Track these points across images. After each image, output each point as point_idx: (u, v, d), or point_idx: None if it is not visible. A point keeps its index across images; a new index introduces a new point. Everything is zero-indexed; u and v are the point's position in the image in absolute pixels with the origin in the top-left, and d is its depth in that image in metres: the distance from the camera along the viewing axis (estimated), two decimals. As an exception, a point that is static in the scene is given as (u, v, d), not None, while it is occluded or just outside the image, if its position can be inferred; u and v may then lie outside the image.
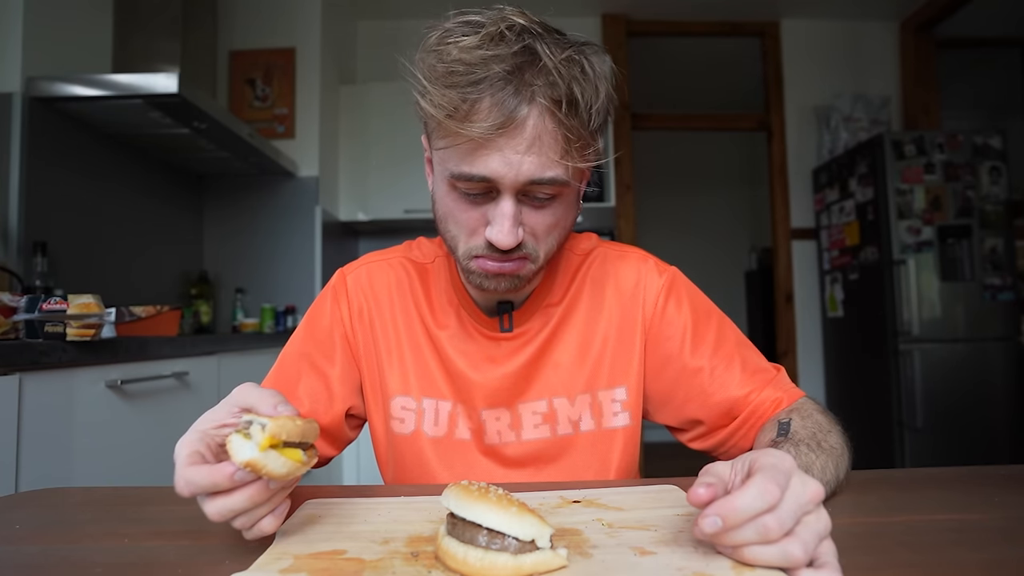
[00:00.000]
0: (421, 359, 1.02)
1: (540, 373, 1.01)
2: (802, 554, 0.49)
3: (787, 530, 0.49)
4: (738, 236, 7.27)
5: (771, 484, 0.50)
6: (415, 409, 1.01)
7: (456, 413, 1.01)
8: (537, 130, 0.76)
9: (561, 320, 1.02)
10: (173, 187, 3.35)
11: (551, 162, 0.77)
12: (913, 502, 0.74)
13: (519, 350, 1.01)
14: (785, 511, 0.50)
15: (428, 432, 1.01)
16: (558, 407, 1.00)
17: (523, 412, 1.00)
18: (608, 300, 1.04)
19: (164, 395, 1.91)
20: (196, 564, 0.58)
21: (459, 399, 1.01)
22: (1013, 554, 0.57)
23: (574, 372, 1.01)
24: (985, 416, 3.71)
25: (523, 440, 1.00)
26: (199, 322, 3.36)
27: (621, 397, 1.01)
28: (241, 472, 0.57)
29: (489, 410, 1.00)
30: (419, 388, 1.02)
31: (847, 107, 4.43)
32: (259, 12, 3.69)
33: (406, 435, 1.01)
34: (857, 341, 4.22)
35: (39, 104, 2.34)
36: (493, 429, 1.00)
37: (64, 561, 0.60)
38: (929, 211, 3.78)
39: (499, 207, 0.80)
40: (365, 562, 0.56)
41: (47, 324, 1.50)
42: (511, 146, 0.76)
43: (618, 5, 4.54)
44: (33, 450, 1.40)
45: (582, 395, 1.00)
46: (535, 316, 1.01)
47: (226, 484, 0.57)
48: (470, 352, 1.01)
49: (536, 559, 0.52)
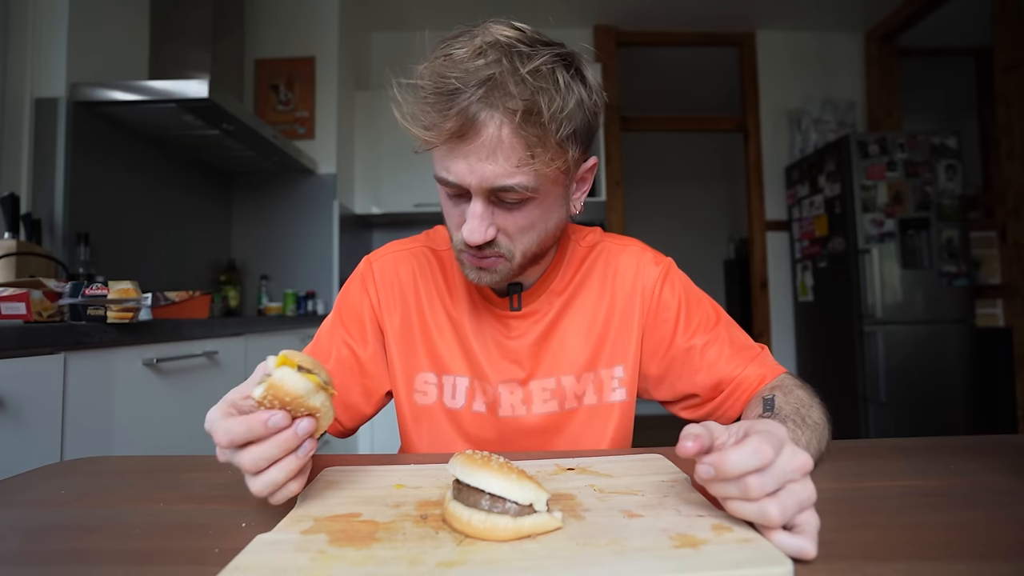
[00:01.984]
0: (442, 339, 1.03)
1: (548, 352, 1.02)
2: (778, 515, 0.48)
3: (768, 492, 0.49)
4: (717, 228, 7.28)
5: (766, 446, 0.49)
6: (436, 383, 1.03)
7: (474, 388, 1.01)
8: (495, 139, 0.74)
9: (567, 304, 1.03)
10: (204, 183, 3.34)
11: (511, 170, 0.75)
12: (879, 469, 0.74)
13: (528, 329, 1.01)
14: (770, 474, 0.49)
15: (447, 404, 1.02)
16: (565, 385, 1.01)
17: (534, 389, 1.01)
18: (610, 288, 1.04)
19: (195, 372, 1.91)
20: (225, 526, 0.58)
21: (475, 375, 1.02)
22: (970, 516, 0.57)
23: (580, 352, 1.02)
24: (942, 391, 3.73)
25: (533, 414, 1.01)
26: (227, 306, 3.36)
27: (619, 375, 1.02)
28: (275, 417, 0.57)
29: (504, 385, 1.01)
30: (440, 365, 1.03)
31: (816, 110, 4.43)
32: (282, 24, 3.67)
33: (428, 406, 1.02)
34: (826, 323, 4.22)
35: (82, 108, 2.33)
36: (507, 403, 1.01)
37: (105, 523, 0.60)
38: (891, 205, 3.78)
39: (471, 207, 0.80)
40: (378, 524, 0.55)
41: (89, 308, 1.50)
42: (474, 153, 0.75)
43: (609, 18, 4.53)
44: (76, 422, 1.40)
45: (587, 373, 1.02)
46: (542, 298, 1.02)
47: (261, 430, 0.57)
48: (485, 331, 1.02)
49: (534, 521, 0.52)
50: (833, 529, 0.53)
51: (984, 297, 3.83)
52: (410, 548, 0.50)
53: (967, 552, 0.49)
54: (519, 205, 0.81)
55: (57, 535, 0.57)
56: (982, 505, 0.60)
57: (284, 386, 0.57)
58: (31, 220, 2.09)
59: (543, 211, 0.85)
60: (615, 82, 4.53)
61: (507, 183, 0.76)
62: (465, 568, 0.46)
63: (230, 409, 0.61)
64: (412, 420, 1.03)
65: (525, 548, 0.50)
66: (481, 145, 0.74)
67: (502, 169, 0.75)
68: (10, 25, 2.24)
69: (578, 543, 0.50)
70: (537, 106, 0.73)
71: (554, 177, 0.81)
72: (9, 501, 0.68)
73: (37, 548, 0.54)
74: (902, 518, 0.57)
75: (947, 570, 0.45)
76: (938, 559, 0.47)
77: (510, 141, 0.74)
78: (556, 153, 0.77)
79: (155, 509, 0.64)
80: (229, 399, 0.64)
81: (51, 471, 0.81)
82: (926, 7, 4.12)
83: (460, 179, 0.77)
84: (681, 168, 7.25)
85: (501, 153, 0.75)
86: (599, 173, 4.12)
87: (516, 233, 0.84)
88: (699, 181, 7.31)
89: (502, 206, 0.81)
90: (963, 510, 0.59)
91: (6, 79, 2.23)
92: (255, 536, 0.52)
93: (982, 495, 0.63)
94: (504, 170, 0.75)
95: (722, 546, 0.48)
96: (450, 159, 0.77)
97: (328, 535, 0.52)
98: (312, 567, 0.46)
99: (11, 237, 1.97)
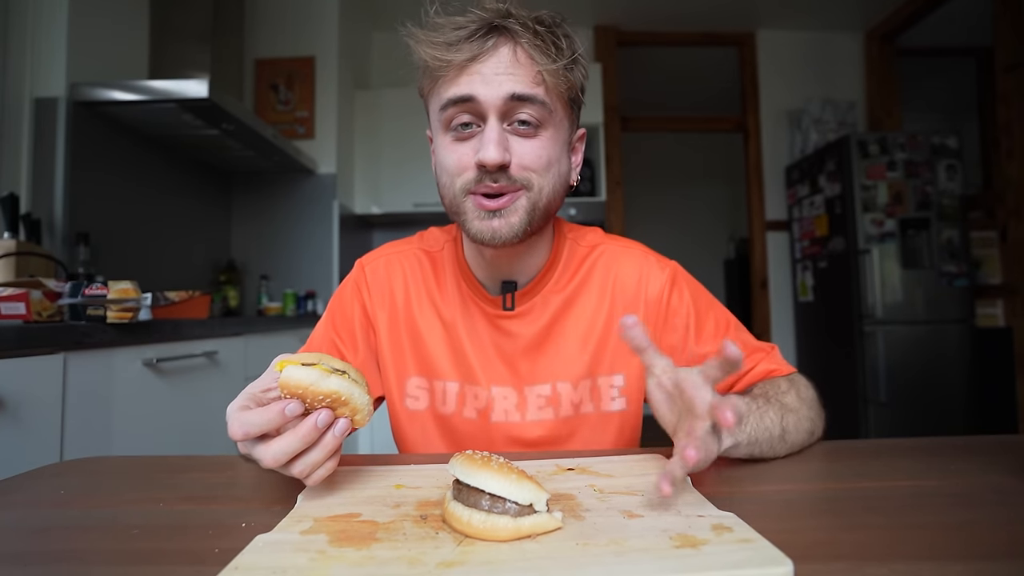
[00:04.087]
0: (432, 343, 1.01)
1: (544, 357, 0.99)
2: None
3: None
4: (717, 227, 7.28)
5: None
6: (427, 388, 1.01)
7: (464, 393, 0.99)
8: (511, 56, 0.81)
9: (564, 306, 1.00)
10: (203, 183, 3.34)
11: (529, 82, 0.81)
12: (877, 469, 0.74)
13: (523, 330, 0.99)
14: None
15: (439, 410, 1.00)
16: (561, 391, 0.98)
17: (528, 395, 0.98)
18: (611, 292, 1.01)
19: (195, 372, 1.91)
20: (225, 526, 0.58)
21: (466, 380, 0.99)
22: (967, 516, 0.57)
23: (577, 358, 0.99)
24: (942, 392, 3.73)
25: (527, 421, 0.98)
26: (227, 306, 3.36)
27: (619, 384, 0.99)
28: (292, 405, 0.57)
29: (498, 387, 0.98)
30: (431, 370, 1.01)
31: (817, 110, 4.42)
32: (282, 24, 3.67)
33: (420, 411, 1.01)
34: (826, 323, 4.22)
35: (81, 108, 2.33)
36: (500, 408, 0.98)
37: (104, 523, 0.60)
38: (891, 205, 3.78)
39: (485, 132, 0.82)
40: (378, 524, 0.55)
41: (89, 308, 1.50)
42: (490, 68, 0.80)
43: (609, 17, 4.53)
44: (76, 422, 1.40)
45: (584, 380, 0.99)
46: (537, 298, 0.99)
47: (278, 419, 0.57)
48: (477, 331, 1.00)
49: (534, 521, 0.52)
50: (833, 529, 0.53)
51: (984, 297, 3.83)
52: (410, 548, 0.50)
53: (967, 552, 0.49)
54: (534, 131, 0.84)
55: (57, 535, 0.57)
56: (982, 505, 0.60)
57: (291, 381, 0.57)
58: (31, 220, 2.09)
59: (554, 150, 0.87)
60: (615, 82, 4.53)
61: (525, 91, 0.81)
62: (465, 568, 0.46)
63: (248, 402, 0.62)
64: (406, 425, 1.02)
65: (525, 548, 0.50)
66: (498, 62, 0.80)
67: (519, 80, 0.81)
68: (10, 25, 2.24)
69: (578, 543, 0.50)
70: (547, 36, 0.81)
71: (563, 112, 0.87)
72: (9, 501, 0.68)
73: (37, 548, 0.54)
74: (902, 518, 0.57)
75: (947, 570, 0.45)
76: (938, 559, 0.47)
77: (525, 60, 0.81)
78: (564, 83, 0.83)
79: (154, 509, 0.63)
80: (248, 392, 0.64)
81: (51, 471, 0.81)
82: (927, 6, 4.12)
83: (476, 93, 0.80)
84: (681, 168, 7.25)
85: (517, 68, 0.81)
86: (599, 173, 4.12)
87: (533, 163, 0.84)
88: (699, 181, 7.31)
89: (516, 132, 0.83)
90: (963, 510, 0.59)
91: (6, 79, 2.23)
92: (255, 536, 0.52)
93: (982, 495, 0.63)
94: (521, 81, 0.81)
95: (722, 546, 0.48)
96: (464, 79, 0.81)
97: (328, 535, 0.52)
98: (312, 567, 0.46)
99: (11, 237, 1.98)
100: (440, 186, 0.90)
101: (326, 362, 0.61)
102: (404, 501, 0.62)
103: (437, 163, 0.90)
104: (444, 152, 0.86)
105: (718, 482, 0.69)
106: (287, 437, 0.58)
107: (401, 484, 0.68)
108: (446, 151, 0.86)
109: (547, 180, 0.86)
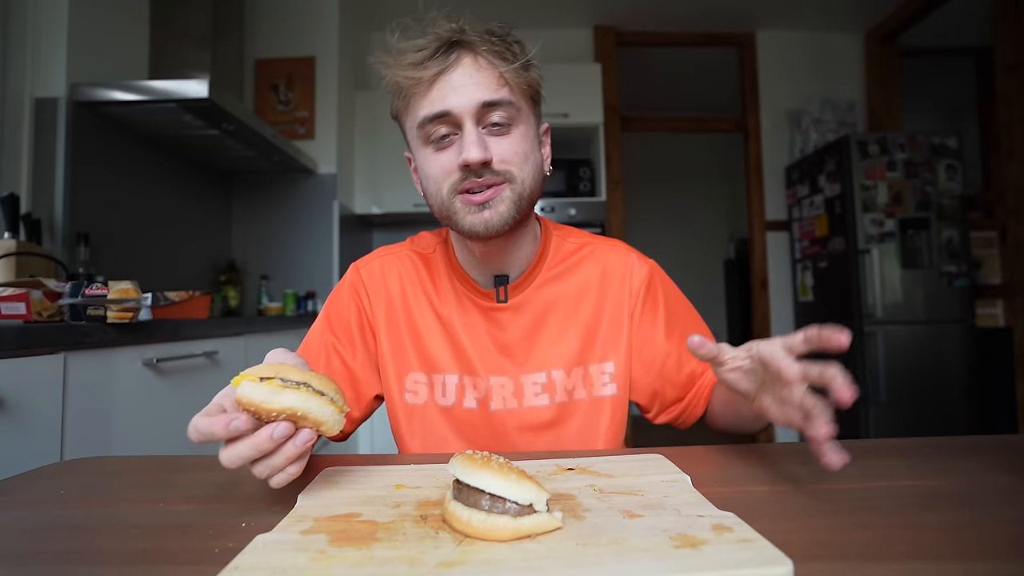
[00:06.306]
0: (431, 338, 1.05)
1: (538, 346, 1.04)
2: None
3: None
4: (717, 227, 7.28)
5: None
6: (426, 382, 1.05)
7: (464, 384, 1.03)
8: (473, 67, 0.88)
9: (555, 297, 1.06)
10: (204, 183, 3.34)
11: (494, 86, 0.88)
12: (879, 469, 0.74)
13: (517, 321, 1.04)
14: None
15: (439, 402, 1.04)
16: (556, 378, 1.03)
17: (525, 383, 1.03)
18: (599, 284, 1.07)
19: (195, 372, 1.91)
20: (225, 526, 0.58)
21: (465, 371, 1.03)
22: (969, 516, 0.57)
23: (569, 346, 1.04)
24: (942, 391, 3.72)
25: (525, 407, 1.02)
26: (227, 306, 3.36)
27: (610, 370, 1.04)
28: (237, 422, 0.58)
29: (496, 377, 1.03)
30: (430, 364, 1.05)
31: (816, 110, 4.41)
32: (282, 24, 3.67)
33: (419, 405, 1.04)
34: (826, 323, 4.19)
35: (82, 108, 2.33)
36: (499, 396, 1.02)
37: (105, 523, 0.60)
38: (891, 205, 3.78)
39: (464, 136, 0.87)
40: (378, 524, 0.55)
41: (89, 308, 1.50)
42: (457, 79, 0.87)
43: (609, 18, 4.52)
44: (76, 422, 1.40)
45: (577, 368, 1.04)
46: (529, 290, 1.05)
47: (222, 433, 0.58)
48: (473, 325, 1.04)
49: (534, 521, 0.52)
50: (833, 529, 0.53)
51: (984, 297, 3.83)
52: (410, 548, 0.50)
53: (966, 552, 0.49)
54: (507, 130, 0.90)
55: (57, 535, 0.57)
56: (981, 505, 0.60)
57: (243, 399, 0.58)
58: (31, 220, 2.09)
59: (527, 143, 0.93)
60: (615, 82, 4.52)
61: (494, 97, 0.88)
62: (465, 568, 0.46)
63: (215, 404, 0.64)
64: (405, 420, 1.05)
65: (525, 548, 0.50)
66: (463, 72, 0.87)
67: (486, 86, 0.87)
68: (10, 25, 2.24)
69: (578, 543, 0.50)
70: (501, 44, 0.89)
71: (528, 109, 0.94)
72: (9, 501, 0.68)
73: (37, 548, 0.54)
74: (901, 518, 0.57)
75: (946, 570, 0.45)
76: (937, 559, 0.47)
77: (486, 66, 0.88)
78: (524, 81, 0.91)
79: (155, 509, 0.64)
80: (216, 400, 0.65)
81: (51, 471, 0.81)
82: (926, 7, 4.11)
83: (449, 105, 0.87)
84: (681, 168, 7.25)
85: (481, 76, 0.88)
86: (599, 173, 4.12)
87: (512, 157, 0.90)
88: (699, 181, 7.30)
89: (492, 132, 0.90)
90: (962, 510, 0.59)
91: (6, 79, 2.23)
92: (255, 536, 0.52)
93: (981, 495, 0.63)
94: (488, 87, 0.88)
95: (722, 546, 0.48)
96: (435, 94, 0.88)
97: (328, 535, 0.52)
98: (312, 567, 0.46)
99: (11, 237, 1.97)
100: (428, 196, 0.95)
101: (284, 375, 0.61)
102: (404, 501, 0.62)
103: (422, 176, 0.96)
104: (428, 163, 0.92)
105: (718, 482, 0.69)
106: (243, 444, 0.59)
107: (401, 484, 0.68)
108: (429, 162, 0.92)
109: (527, 171, 0.92)
